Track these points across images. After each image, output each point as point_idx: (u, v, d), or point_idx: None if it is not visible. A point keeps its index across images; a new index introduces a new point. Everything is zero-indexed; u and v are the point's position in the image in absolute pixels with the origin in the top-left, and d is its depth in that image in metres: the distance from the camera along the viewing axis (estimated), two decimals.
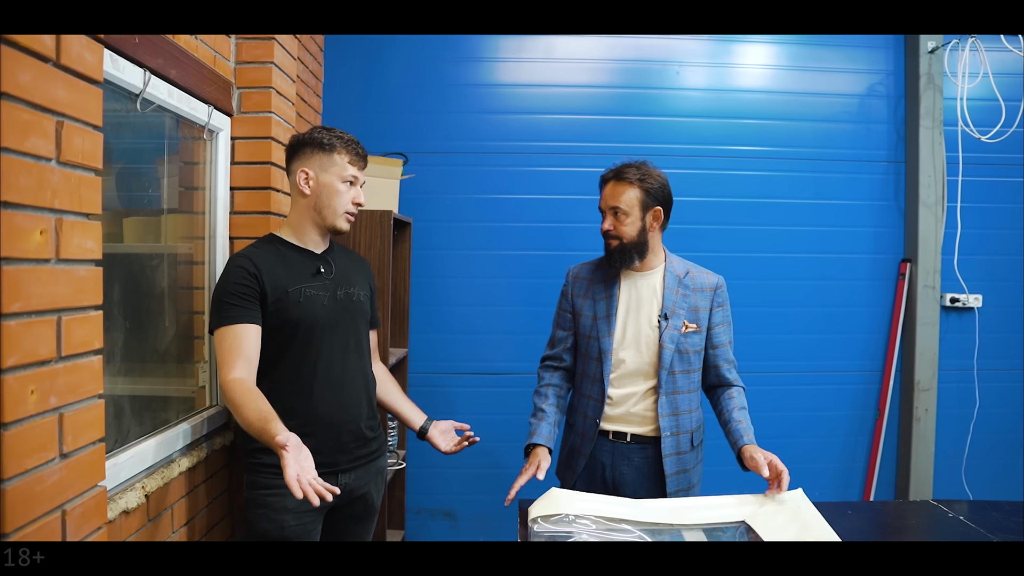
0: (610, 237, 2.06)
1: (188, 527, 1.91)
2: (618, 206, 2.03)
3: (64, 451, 1.12)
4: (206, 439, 2.05)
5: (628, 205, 2.03)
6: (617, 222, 2.04)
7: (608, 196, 2.06)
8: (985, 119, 3.31)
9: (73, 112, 1.14)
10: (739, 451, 1.96)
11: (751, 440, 1.96)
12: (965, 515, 1.93)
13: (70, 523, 1.12)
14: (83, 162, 1.17)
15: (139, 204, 1.94)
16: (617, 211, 2.03)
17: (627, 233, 2.04)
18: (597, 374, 2.07)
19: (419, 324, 3.30)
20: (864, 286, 3.48)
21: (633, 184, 2.03)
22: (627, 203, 2.03)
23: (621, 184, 2.04)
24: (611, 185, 2.06)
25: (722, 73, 3.45)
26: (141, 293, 1.89)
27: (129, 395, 1.79)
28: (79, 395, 1.17)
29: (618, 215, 2.03)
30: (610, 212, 2.05)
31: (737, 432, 1.98)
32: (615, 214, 2.04)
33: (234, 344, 1.73)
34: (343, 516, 1.95)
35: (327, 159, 1.86)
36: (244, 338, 1.74)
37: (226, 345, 1.73)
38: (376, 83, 3.34)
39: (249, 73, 2.24)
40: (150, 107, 1.79)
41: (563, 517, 1.73)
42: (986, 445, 3.47)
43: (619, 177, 2.05)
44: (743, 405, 2.07)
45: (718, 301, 2.11)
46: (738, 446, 1.97)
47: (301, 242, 1.90)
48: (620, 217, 2.03)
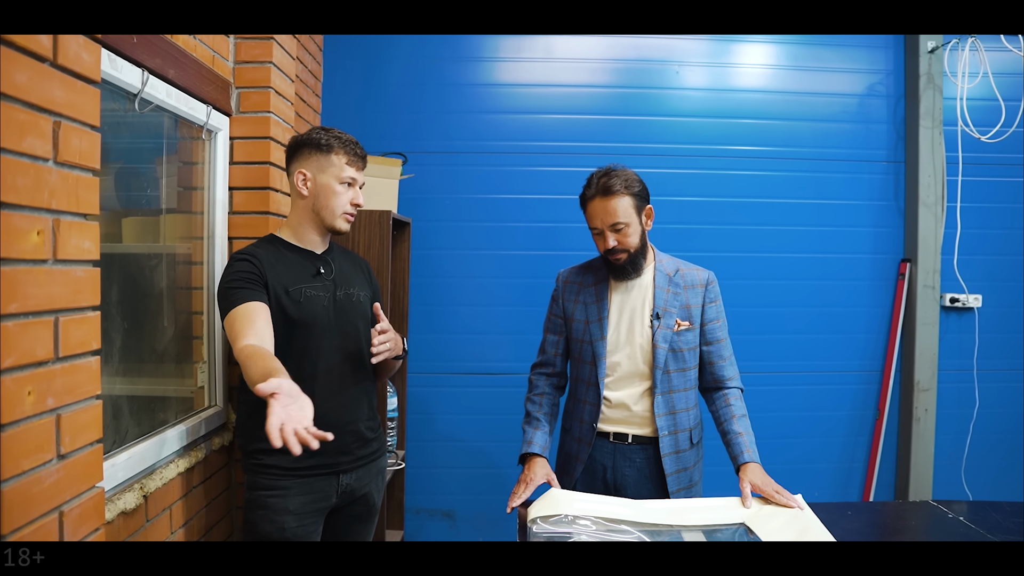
0: (617, 253, 2.00)
1: (187, 528, 1.90)
2: (619, 221, 1.96)
3: (61, 452, 1.12)
4: (205, 440, 2.04)
5: (627, 216, 1.97)
6: (621, 236, 1.98)
7: (602, 214, 1.97)
8: (985, 119, 3.31)
9: (70, 112, 1.13)
10: (738, 468, 1.94)
11: (751, 457, 1.94)
12: (965, 516, 1.93)
13: (67, 524, 1.12)
14: (81, 162, 1.16)
15: (138, 204, 1.94)
16: (618, 226, 1.97)
17: (632, 244, 1.99)
18: (592, 378, 2.06)
19: (418, 324, 3.30)
20: (864, 286, 3.48)
21: (624, 193, 1.96)
22: (625, 214, 1.97)
23: (612, 198, 1.95)
24: (599, 202, 1.97)
25: (722, 73, 3.45)
26: (140, 293, 1.89)
27: (127, 395, 1.78)
28: (76, 396, 1.16)
29: (621, 230, 1.97)
30: (610, 230, 1.98)
31: (737, 446, 1.96)
32: (617, 230, 1.97)
33: (245, 319, 1.66)
34: (344, 517, 1.95)
35: (324, 160, 1.85)
36: (255, 313, 1.68)
37: (237, 323, 1.67)
38: (375, 83, 3.33)
39: (248, 73, 2.24)
40: (148, 107, 1.78)
41: (562, 518, 1.73)
42: (986, 445, 3.47)
43: (607, 192, 1.96)
44: (743, 413, 2.03)
45: (710, 297, 2.09)
46: (737, 463, 1.95)
47: (301, 243, 1.90)
48: (623, 230, 1.97)
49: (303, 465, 1.80)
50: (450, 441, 3.40)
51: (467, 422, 3.40)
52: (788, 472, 2.32)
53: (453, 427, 3.40)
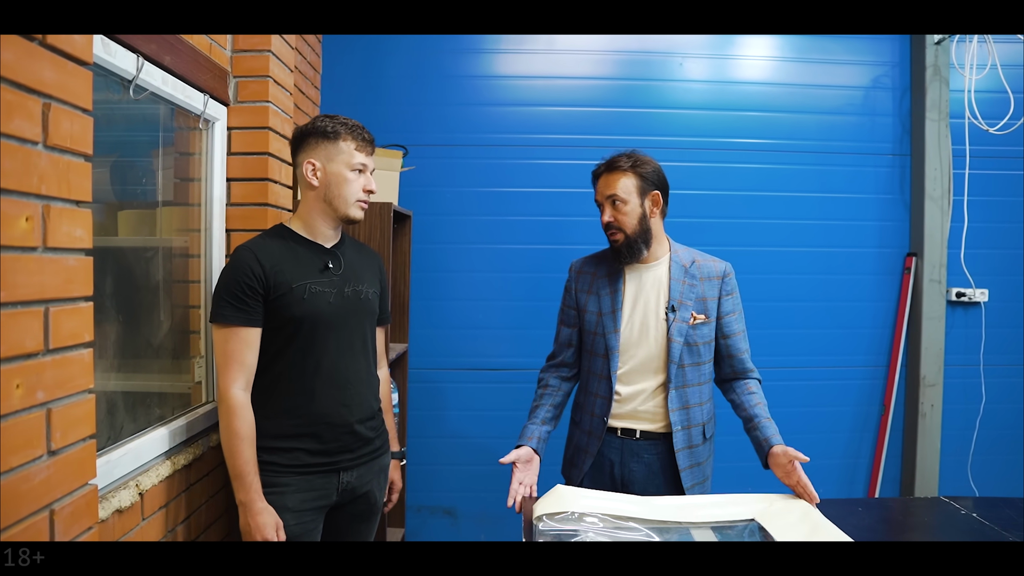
0: (612, 229, 2.00)
1: (184, 525, 1.86)
2: (615, 193, 1.98)
3: (52, 448, 1.07)
4: (202, 435, 2.00)
5: (625, 192, 1.98)
6: (616, 211, 1.98)
7: (603, 187, 2.01)
8: (993, 111, 3.26)
9: (61, 94, 1.09)
10: (769, 450, 1.90)
11: (780, 440, 1.90)
12: (978, 512, 1.89)
13: (59, 523, 1.07)
14: (72, 147, 1.12)
15: (134, 196, 1.89)
16: (615, 199, 1.98)
17: (628, 223, 1.98)
18: (604, 371, 2.02)
19: (419, 319, 3.26)
20: (869, 280, 3.44)
21: (627, 172, 1.98)
22: (624, 190, 1.98)
23: (615, 174, 1.99)
24: (604, 177, 2.02)
25: (725, 65, 3.41)
26: (136, 287, 1.85)
27: (123, 391, 1.74)
28: (68, 390, 1.12)
29: (616, 204, 1.98)
30: (607, 203, 2.00)
31: (768, 428, 1.93)
32: (613, 203, 1.99)
33: (236, 351, 1.71)
34: (345, 515, 1.91)
35: (333, 147, 1.81)
36: (246, 345, 1.72)
37: (229, 349, 1.71)
38: (375, 75, 3.29)
39: (246, 62, 2.19)
40: (143, 94, 1.73)
41: (569, 515, 1.69)
42: (992, 441, 3.43)
43: (611, 167, 2.01)
44: (764, 401, 2.02)
45: (726, 289, 2.05)
46: (770, 444, 1.90)
47: (311, 235, 1.86)
48: (619, 206, 1.98)
49: (302, 463, 1.77)
50: (452, 438, 3.36)
51: (469, 418, 3.36)
52: None
53: (455, 423, 3.36)
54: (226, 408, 1.70)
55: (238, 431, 1.69)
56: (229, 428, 1.69)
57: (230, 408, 1.70)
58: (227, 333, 1.72)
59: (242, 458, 1.68)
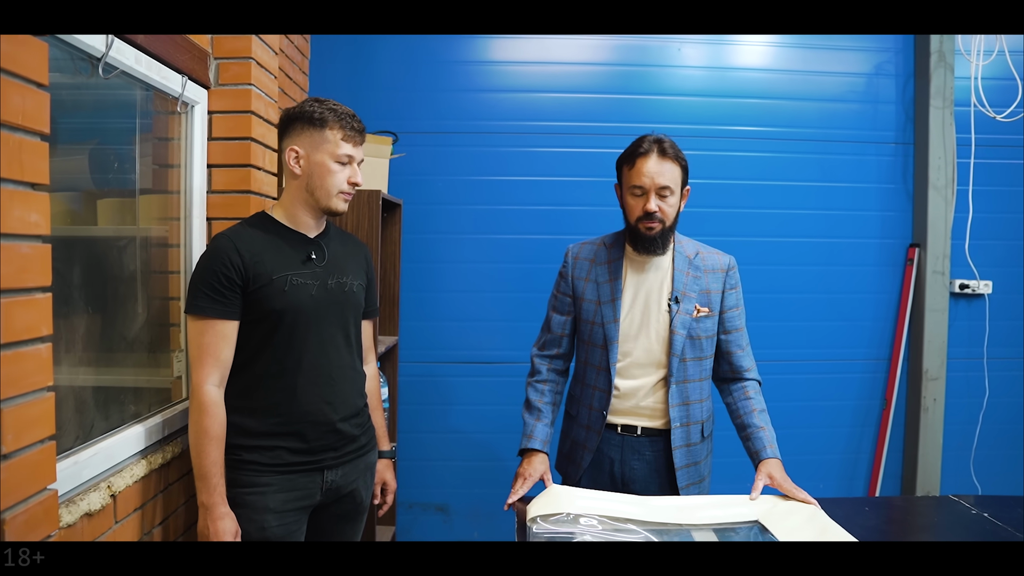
0: (654, 220, 1.85)
1: (161, 528, 1.78)
2: (668, 185, 1.84)
3: (3, 452, 0.99)
4: (182, 432, 1.91)
5: (674, 183, 1.85)
6: (664, 203, 1.85)
7: (655, 173, 1.83)
8: (999, 99, 3.18)
9: (10, 66, 1.00)
10: (757, 464, 1.84)
11: (773, 454, 1.83)
12: (989, 512, 1.82)
13: (10, 533, 0.99)
14: (24, 124, 1.03)
15: (112, 184, 1.80)
16: (665, 191, 1.84)
17: (670, 215, 1.87)
18: (603, 363, 1.93)
19: (409, 311, 3.18)
20: (871, 271, 3.37)
21: (676, 161, 1.85)
22: (674, 182, 1.85)
23: (667, 160, 1.83)
24: (655, 160, 1.83)
25: (724, 51, 3.33)
26: (111, 277, 1.76)
27: (93, 387, 1.65)
28: (22, 388, 1.04)
29: (666, 196, 1.85)
30: (655, 192, 1.84)
31: (759, 441, 1.85)
32: (663, 195, 1.84)
33: (211, 345, 1.63)
34: (330, 515, 1.83)
35: (318, 135, 1.72)
36: (222, 338, 1.65)
37: (204, 342, 1.64)
38: (365, 59, 3.20)
39: (227, 43, 2.09)
40: (114, 72, 1.63)
41: (565, 516, 1.61)
42: (995, 436, 3.37)
43: (663, 152, 1.84)
44: (763, 407, 1.93)
45: (730, 283, 1.97)
46: (759, 458, 1.84)
47: (294, 224, 1.77)
48: (668, 199, 1.85)
49: (285, 461, 1.70)
50: (444, 432, 3.28)
51: (461, 412, 3.28)
52: (792, 463, 2.20)
53: (447, 418, 3.28)
54: (197, 404, 1.63)
55: (207, 430, 1.61)
56: (198, 426, 1.62)
57: (201, 405, 1.62)
58: (202, 325, 1.63)
59: (209, 459, 1.61)
